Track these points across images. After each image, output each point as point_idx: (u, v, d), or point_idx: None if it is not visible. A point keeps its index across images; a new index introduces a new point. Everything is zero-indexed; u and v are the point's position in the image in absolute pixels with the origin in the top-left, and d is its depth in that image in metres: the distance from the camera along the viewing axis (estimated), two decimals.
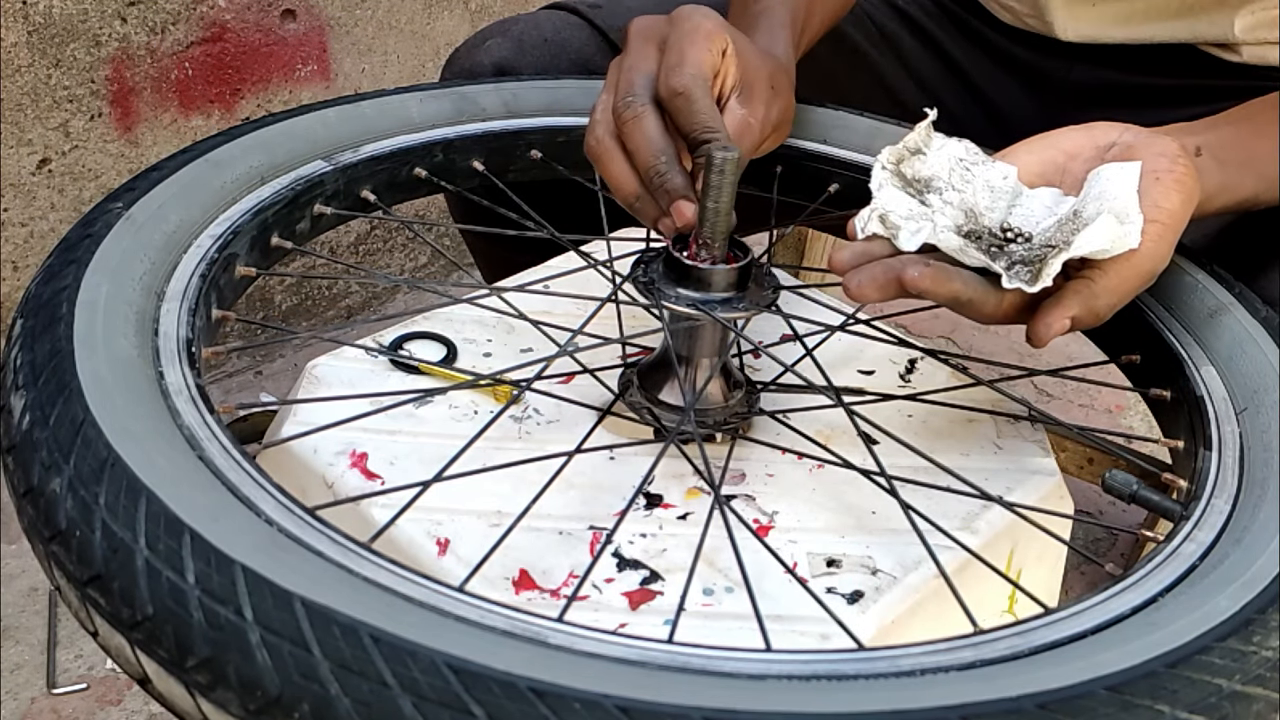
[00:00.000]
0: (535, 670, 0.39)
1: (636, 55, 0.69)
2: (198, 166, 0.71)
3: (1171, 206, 0.64)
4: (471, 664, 0.39)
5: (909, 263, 0.60)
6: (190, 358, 0.57)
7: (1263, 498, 0.56)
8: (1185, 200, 0.64)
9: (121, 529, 0.44)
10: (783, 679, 0.43)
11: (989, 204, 0.68)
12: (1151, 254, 0.63)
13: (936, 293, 0.60)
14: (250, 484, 0.49)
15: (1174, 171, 0.64)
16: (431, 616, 0.43)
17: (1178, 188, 0.64)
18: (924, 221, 0.64)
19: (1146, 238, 0.62)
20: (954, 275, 0.61)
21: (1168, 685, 0.42)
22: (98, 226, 0.63)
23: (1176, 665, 0.43)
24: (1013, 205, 0.67)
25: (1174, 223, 0.64)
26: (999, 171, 0.68)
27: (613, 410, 0.69)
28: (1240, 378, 0.66)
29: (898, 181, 0.68)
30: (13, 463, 0.49)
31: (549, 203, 0.83)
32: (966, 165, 0.69)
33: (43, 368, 0.52)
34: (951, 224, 0.65)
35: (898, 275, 0.60)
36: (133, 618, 0.42)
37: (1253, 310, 0.69)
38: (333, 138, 0.79)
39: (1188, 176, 0.65)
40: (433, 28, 1.67)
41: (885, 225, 0.64)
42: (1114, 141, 0.68)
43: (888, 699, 0.41)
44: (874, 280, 0.61)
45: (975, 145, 0.70)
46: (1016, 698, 0.41)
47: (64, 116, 1.33)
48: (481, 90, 0.87)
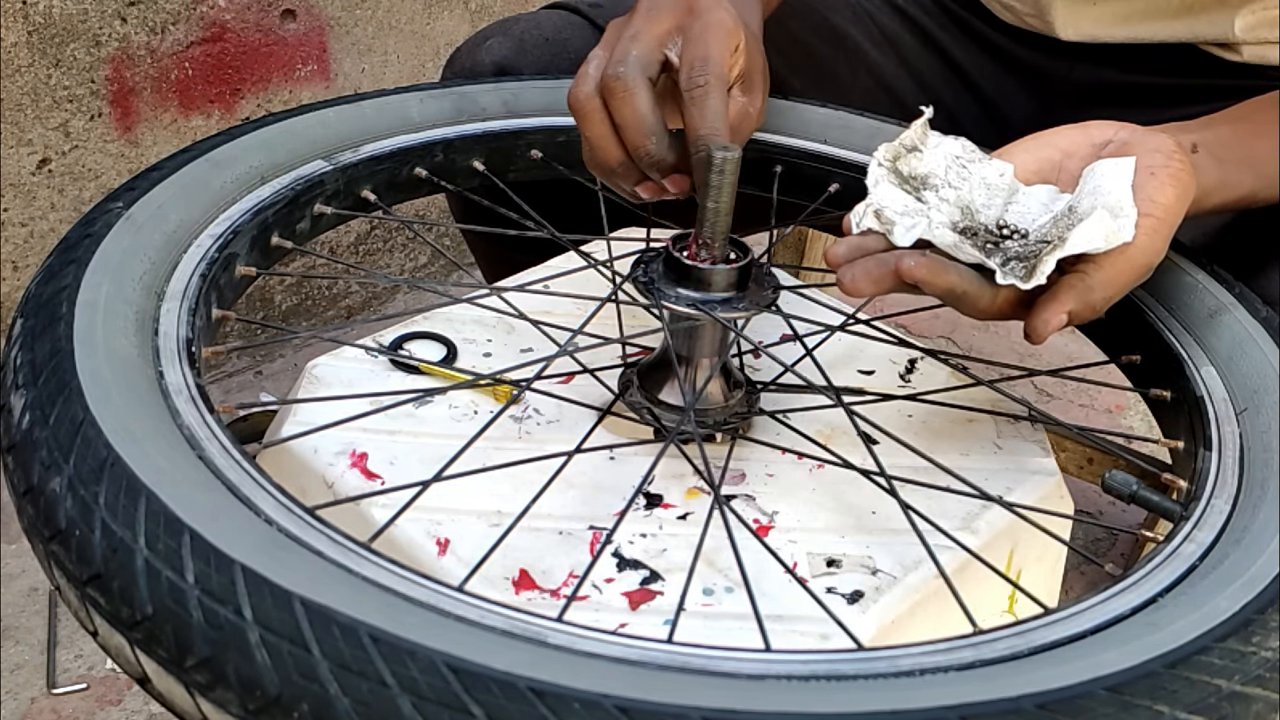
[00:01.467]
0: (535, 670, 0.39)
1: (642, 24, 0.69)
2: (198, 166, 0.71)
3: (1166, 201, 0.64)
4: (471, 664, 0.39)
5: (905, 254, 0.61)
6: (190, 357, 0.57)
7: (1262, 498, 0.56)
8: (1180, 195, 0.64)
9: (121, 528, 0.44)
10: (782, 679, 0.43)
11: (985, 201, 0.68)
12: (1146, 248, 0.63)
13: (932, 283, 0.60)
14: (250, 484, 0.49)
15: (1169, 167, 0.64)
16: (431, 616, 0.43)
17: (1173, 182, 0.64)
18: (919, 217, 0.64)
19: (1141, 232, 0.62)
20: (949, 268, 0.61)
21: (1167, 685, 0.42)
22: (98, 226, 0.63)
23: (1176, 666, 0.43)
24: (1009, 202, 0.67)
25: (1168, 217, 0.64)
26: (995, 169, 0.68)
27: (613, 410, 0.69)
28: (1240, 378, 0.66)
29: (894, 178, 0.68)
30: (13, 462, 0.49)
31: (549, 202, 0.83)
32: (963, 163, 0.69)
33: (43, 367, 0.52)
34: (947, 220, 0.66)
35: (893, 268, 0.60)
36: (132, 617, 0.42)
37: (1253, 310, 0.69)
38: (333, 137, 0.79)
39: (1183, 172, 0.65)
40: (433, 28, 1.67)
41: (880, 220, 0.64)
42: (1110, 139, 0.68)
43: (887, 699, 0.41)
44: (868, 274, 0.61)
45: (972, 143, 0.70)
46: (1016, 698, 0.41)
47: (64, 116, 1.33)
48: (481, 90, 0.87)
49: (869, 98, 1.02)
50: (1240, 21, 0.89)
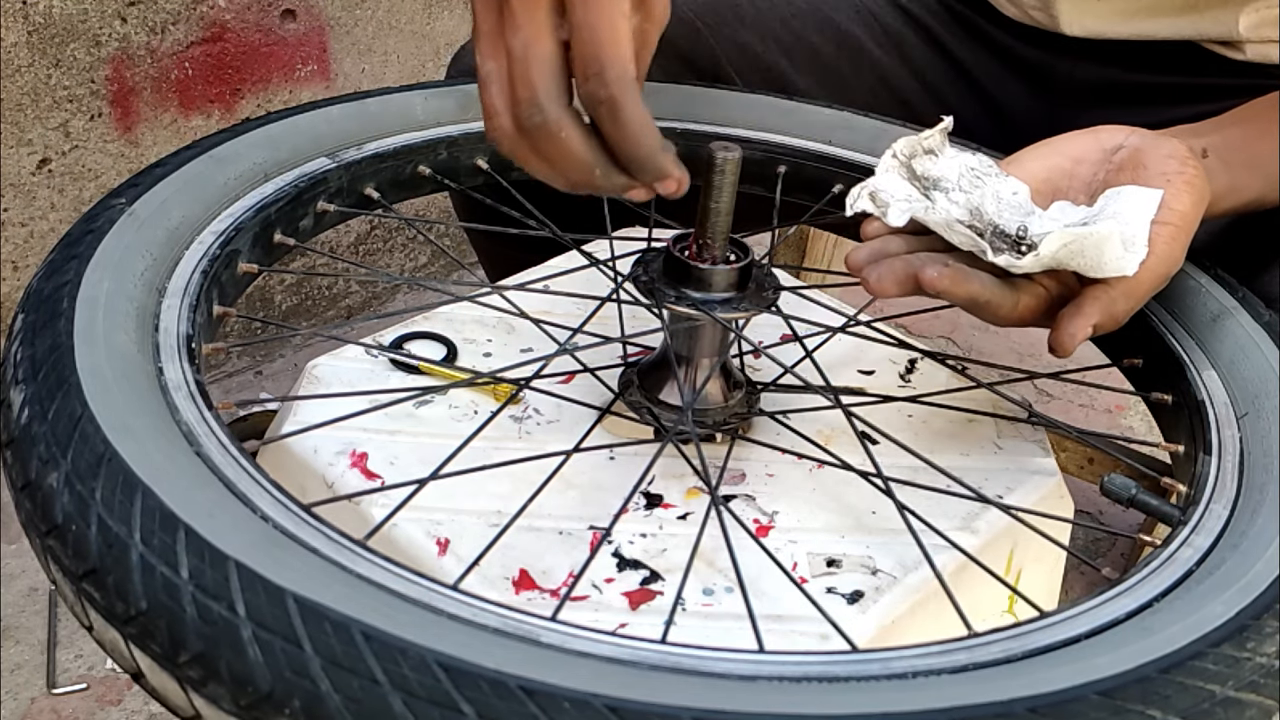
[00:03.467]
0: (526, 669, 0.39)
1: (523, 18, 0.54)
2: (201, 163, 0.71)
3: (1183, 209, 0.64)
4: (462, 662, 0.39)
5: (928, 261, 0.61)
6: (190, 354, 0.58)
7: (1261, 503, 0.56)
8: (1196, 202, 0.64)
9: (117, 524, 0.44)
10: (774, 680, 0.43)
11: (995, 210, 0.68)
12: (1165, 256, 0.63)
13: (954, 293, 0.61)
14: (247, 480, 0.49)
15: (1184, 174, 0.64)
16: (424, 614, 0.43)
17: (1188, 190, 0.64)
18: (917, 203, 0.64)
19: (1160, 240, 0.62)
20: (971, 276, 0.61)
21: (1160, 690, 0.42)
22: (100, 222, 0.63)
23: (1169, 670, 0.43)
24: (1022, 222, 0.68)
25: (1186, 225, 0.64)
26: (1010, 186, 0.68)
27: (612, 410, 0.69)
28: (1242, 382, 0.66)
29: (905, 172, 0.68)
30: (11, 457, 0.50)
31: (553, 201, 0.83)
32: (978, 174, 0.69)
33: (42, 362, 0.52)
34: (952, 216, 0.66)
35: (916, 272, 0.60)
36: (126, 612, 0.42)
37: (1255, 315, 0.69)
38: (337, 135, 0.79)
39: (1198, 178, 0.65)
40: (433, 28, 1.67)
41: (875, 203, 0.64)
42: (1120, 144, 0.68)
43: (879, 701, 0.41)
44: (894, 274, 0.61)
45: (989, 159, 0.70)
46: (1007, 701, 0.41)
47: (64, 116, 1.33)
48: None
49: (872, 97, 1.02)
50: (1245, 19, 0.89)
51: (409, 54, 1.65)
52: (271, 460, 0.68)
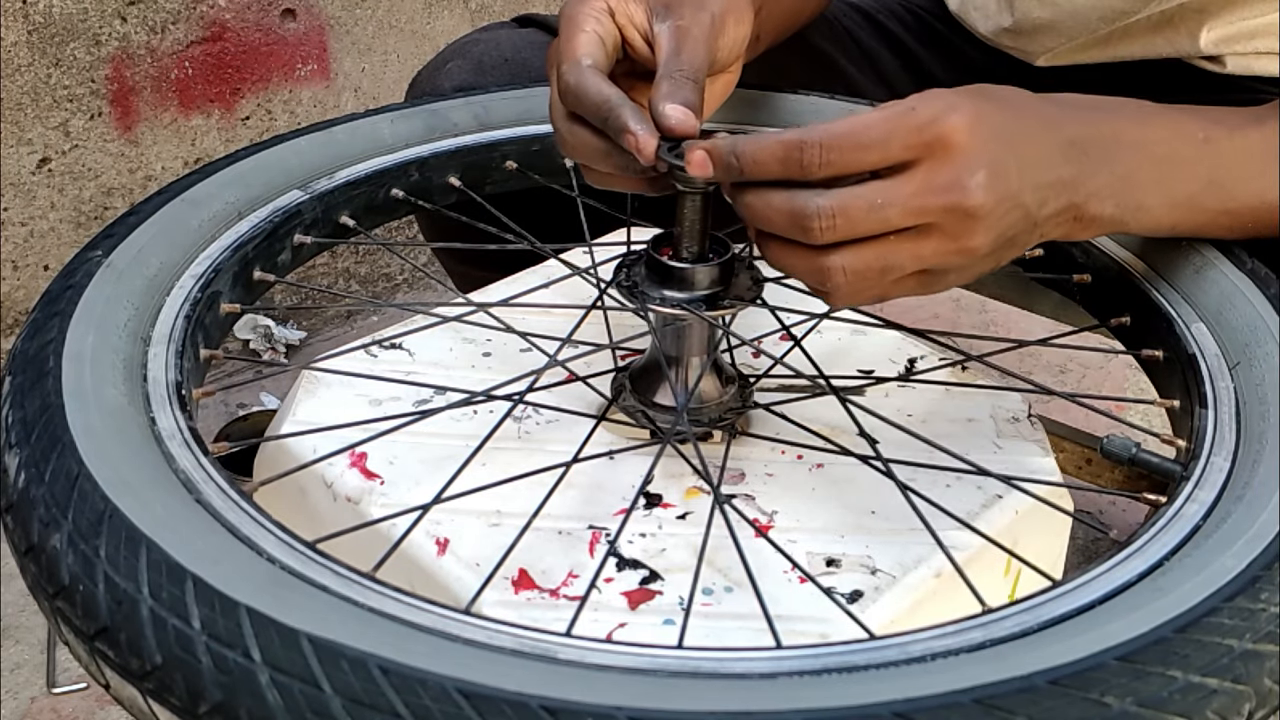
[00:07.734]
0: (546, 688, 0.39)
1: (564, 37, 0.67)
2: (174, 207, 0.71)
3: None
4: (482, 687, 0.39)
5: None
6: (181, 401, 0.57)
7: (1261, 452, 0.56)
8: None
9: (124, 580, 0.44)
10: (795, 675, 0.43)
11: None
12: None
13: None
14: (249, 523, 0.49)
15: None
16: (439, 642, 0.43)
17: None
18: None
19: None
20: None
21: (1178, 650, 0.42)
22: (78, 276, 0.63)
23: (1186, 629, 0.43)
24: None
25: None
26: None
27: (607, 416, 0.69)
28: (1231, 332, 0.66)
29: None
30: (12, 521, 0.49)
31: (527, 214, 0.83)
32: None
33: (34, 423, 0.52)
34: None
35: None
36: (142, 668, 0.42)
37: (1238, 263, 0.69)
38: (307, 166, 0.79)
39: None
40: (433, 27, 1.67)
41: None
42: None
43: (901, 687, 0.41)
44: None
45: None
46: (1028, 675, 0.41)
47: (64, 116, 1.33)
48: (452, 105, 0.87)
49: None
50: (1206, 35, 0.88)
51: (409, 54, 1.65)
52: (270, 460, 0.68)
